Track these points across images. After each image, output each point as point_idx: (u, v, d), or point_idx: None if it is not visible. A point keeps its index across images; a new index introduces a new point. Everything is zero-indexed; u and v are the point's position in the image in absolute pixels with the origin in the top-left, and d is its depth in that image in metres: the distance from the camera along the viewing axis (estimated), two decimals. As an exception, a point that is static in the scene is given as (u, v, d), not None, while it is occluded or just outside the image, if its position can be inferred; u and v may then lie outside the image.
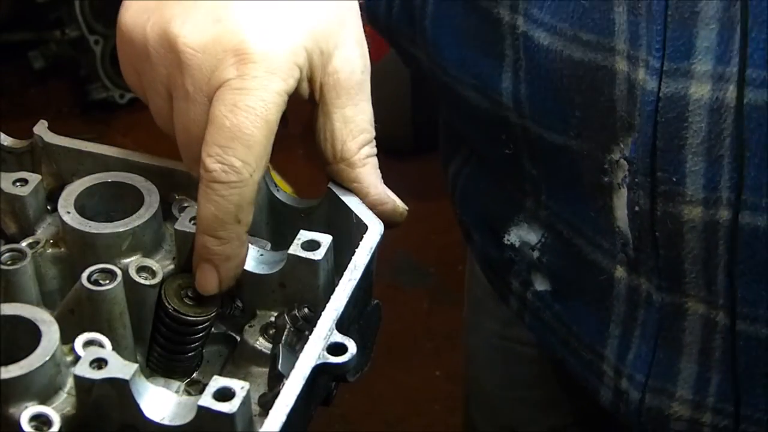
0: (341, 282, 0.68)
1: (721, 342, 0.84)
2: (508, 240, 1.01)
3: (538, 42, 0.84)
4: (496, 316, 1.23)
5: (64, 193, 0.73)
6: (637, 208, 0.83)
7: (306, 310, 0.70)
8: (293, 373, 0.62)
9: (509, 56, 0.87)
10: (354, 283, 0.68)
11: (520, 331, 1.15)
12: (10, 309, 0.65)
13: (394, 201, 0.78)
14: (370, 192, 0.77)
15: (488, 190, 1.05)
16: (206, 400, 0.59)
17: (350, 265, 0.69)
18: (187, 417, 0.60)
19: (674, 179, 0.79)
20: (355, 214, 0.73)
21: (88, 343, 0.66)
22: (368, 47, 0.79)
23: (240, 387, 0.60)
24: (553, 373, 1.17)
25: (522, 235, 0.99)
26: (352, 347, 0.64)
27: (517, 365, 1.24)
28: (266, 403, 0.64)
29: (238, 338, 0.73)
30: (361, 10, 0.79)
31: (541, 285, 1.00)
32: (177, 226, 0.72)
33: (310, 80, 0.74)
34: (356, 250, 0.70)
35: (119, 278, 0.68)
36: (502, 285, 1.06)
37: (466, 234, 1.14)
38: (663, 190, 0.80)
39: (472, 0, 0.89)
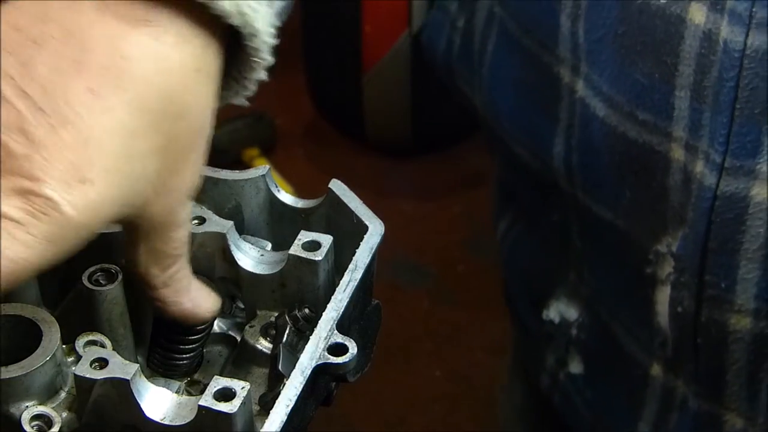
0: (342, 282, 0.68)
1: None
2: (546, 315, 0.95)
3: (594, 111, 0.78)
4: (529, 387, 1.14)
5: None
6: (680, 309, 0.77)
7: (306, 310, 0.70)
8: (293, 373, 0.62)
9: (563, 120, 0.82)
10: (354, 283, 0.68)
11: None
12: (10, 309, 0.65)
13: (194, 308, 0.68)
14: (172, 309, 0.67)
15: (534, 255, 0.99)
16: (207, 400, 0.59)
17: (351, 266, 0.69)
18: (188, 417, 0.60)
19: (723, 285, 0.74)
20: (356, 215, 0.73)
21: (89, 343, 0.66)
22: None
23: (240, 387, 0.60)
24: None
25: (562, 311, 0.93)
26: (352, 347, 0.64)
27: None
28: (266, 403, 0.64)
29: (239, 338, 0.73)
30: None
31: (575, 367, 0.94)
32: (177, 226, 0.72)
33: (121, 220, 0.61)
34: (356, 250, 0.70)
35: (120, 278, 0.68)
36: (536, 360, 1.00)
37: (507, 297, 1.07)
38: (710, 294, 0.74)
39: (533, 54, 0.84)
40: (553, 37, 0.81)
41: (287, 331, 0.69)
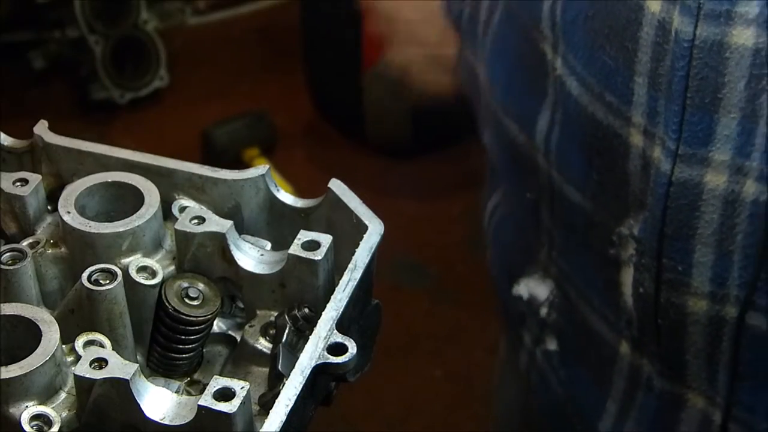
0: (341, 282, 0.68)
1: None
2: (516, 291, 0.97)
3: (570, 90, 0.81)
4: (518, 383, 1.16)
5: (64, 193, 0.73)
6: (641, 290, 0.79)
7: (306, 310, 0.70)
8: (293, 373, 0.62)
9: (550, 95, 0.84)
10: (354, 283, 0.68)
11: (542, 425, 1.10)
12: (10, 309, 0.65)
13: None
14: None
15: (513, 234, 1.02)
16: (206, 399, 0.59)
17: (350, 265, 0.69)
18: (188, 417, 0.60)
19: (680, 268, 0.76)
20: (355, 214, 0.73)
21: (89, 343, 0.66)
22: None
23: (240, 387, 0.60)
24: None
25: (531, 288, 0.96)
26: (352, 347, 0.64)
27: None
28: (266, 403, 0.64)
29: (238, 338, 0.73)
30: None
31: (550, 344, 0.96)
32: (177, 226, 0.72)
33: None
34: (356, 250, 0.70)
35: (119, 278, 0.68)
36: (515, 337, 1.03)
37: (492, 277, 1.10)
38: (668, 277, 0.76)
39: (526, 29, 0.86)
40: (537, 13, 0.84)
41: (287, 331, 0.69)
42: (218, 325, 0.74)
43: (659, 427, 0.85)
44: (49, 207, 0.76)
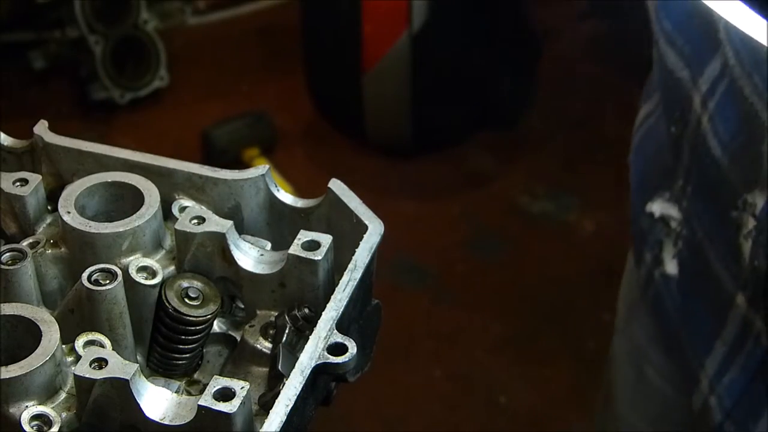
0: (341, 282, 0.68)
1: None
2: (650, 207, 1.00)
3: (728, 57, 0.84)
4: (644, 329, 1.17)
5: (64, 193, 0.73)
6: (756, 263, 0.83)
7: (306, 310, 0.70)
8: (293, 373, 0.62)
9: (724, 44, 0.87)
10: (354, 283, 0.68)
11: (659, 357, 1.12)
12: (10, 309, 0.65)
13: None
14: None
15: (653, 150, 1.04)
16: (206, 399, 0.60)
17: (350, 265, 0.69)
18: (188, 417, 0.60)
19: None
20: (355, 214, 0.73)
21: (89, 343, 0.66)
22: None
23: (240, 387, 0.60)
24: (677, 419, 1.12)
25: (665, 209, 0.99)
26: (352, 347, 0.64)
27: (650, 400, 1.18)
28: (266, 403, 0.64)
29: (238, 338, 0.73)
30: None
31: (670, 268, 1.00)
32: (177, 226, 0.72)
33: None
34: (356, 250, 0.70)
35: (119, 278, 0.68)
36: (638, 252, 1.05)
37: (629, 183, 1.12)
38: None
39: None
40: None
41: (287, 331, 0.69)
42: (218, 325, 0.74)
43: (763, 377, 0.88)
44: (49, 207, 0.76)
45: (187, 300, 0.71)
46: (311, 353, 0.63)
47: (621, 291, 1.22)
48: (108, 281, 0.68)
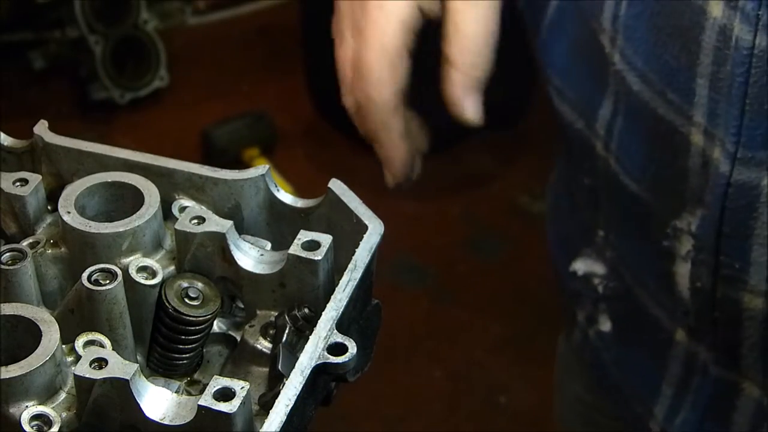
0: (341, 282, 0.68)
1: None
2: (573, 267, 0.98)
3: (630, 85, 0.81)
4: (580, 380, 1.16)
5: (64, 193, 0.73)
6: (698, 284, 0.81)
7: (306, 310, 0.70)
8: (293, 373, 0.62)
9: (612, 86, 0.85)
10: (354, 282, 0.68)
11: (601, 401, 1.10)
12: (10, 309, 0.65)
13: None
14: None
15: (569, 210, 1.03)
16: (206, 399, 0.59)
17: (350, 265, 0.69)
18: (188, 417, 0.60)
19: (737, 266, 0.77)
20: (355, 214, 0.73)
21: (89, 343, 0.66)
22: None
23: (240, 387, 0.60)
24: None
25: (588, 266, 0.97)
26: (352, 347, 0.64)
27: None
28: (266, 403, 0.64)
29: (238, 338, 0.73)
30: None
31: (604, 325, 0.97)
32: (177, 226, 0.72)
33: None
34: (356, 250, 0.70)
35: (119, 278, 0.68)
36: (569, 316, 1.04)
37: (550, 252, 1.11)
38: (725, 273, 0.78)
39: (585, 20, 0.87)
40: (599, 5, 0.84)
41: (287, 331, 0.69)
42: (218, 325, 0.74)
43: (715, 412, 0.86)
44: (49, 207, 0.76)
45: (187, 300, 0.71)
46: (311, 353, 0.63)
47: (557, 361, 1.21)
48: (108, 281, 0.68)
